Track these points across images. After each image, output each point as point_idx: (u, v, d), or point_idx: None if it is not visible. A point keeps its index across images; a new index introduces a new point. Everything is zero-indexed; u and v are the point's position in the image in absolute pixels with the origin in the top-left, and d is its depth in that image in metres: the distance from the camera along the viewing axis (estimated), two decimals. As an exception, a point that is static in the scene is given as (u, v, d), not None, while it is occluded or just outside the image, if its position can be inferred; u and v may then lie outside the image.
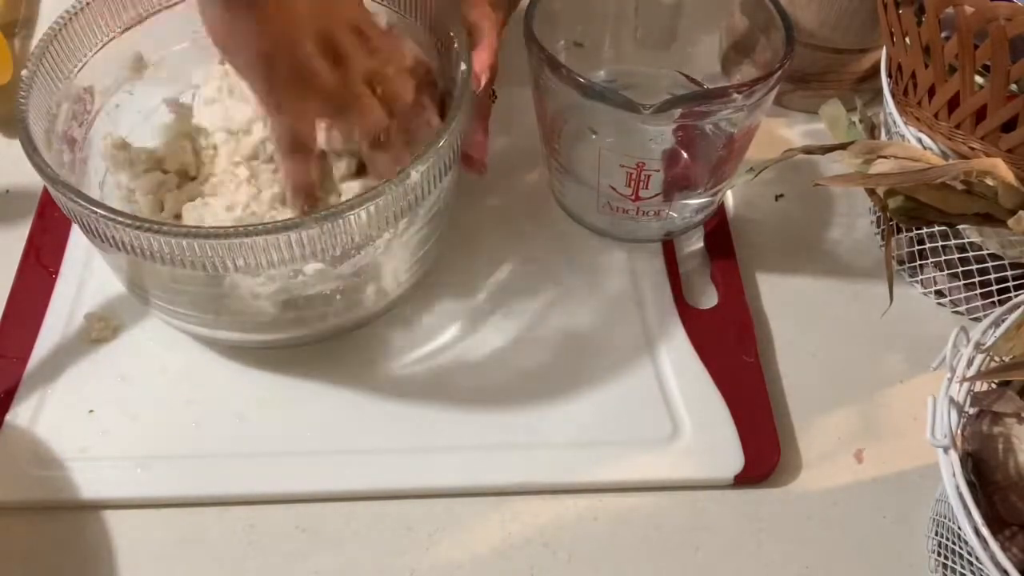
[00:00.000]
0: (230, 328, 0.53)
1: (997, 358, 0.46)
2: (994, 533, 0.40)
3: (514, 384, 0.55)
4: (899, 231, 0.60)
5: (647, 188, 0.57)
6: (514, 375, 0.55)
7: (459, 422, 0.53)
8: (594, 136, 0.56)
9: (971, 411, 0.46)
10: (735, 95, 0.51)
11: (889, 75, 0.58)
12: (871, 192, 0.50)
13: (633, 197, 0.57)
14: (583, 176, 0.59)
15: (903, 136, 0.55)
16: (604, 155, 0.56)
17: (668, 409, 0.54)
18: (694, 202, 0.59)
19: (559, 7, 0.58)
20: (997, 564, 0.40)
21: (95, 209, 0.45)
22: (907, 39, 0.53)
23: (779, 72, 0.52)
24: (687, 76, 0.62)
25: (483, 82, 0.53)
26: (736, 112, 0.53)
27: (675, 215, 0.59)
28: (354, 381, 0.55)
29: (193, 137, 0.57)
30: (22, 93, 0.49)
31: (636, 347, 0.57)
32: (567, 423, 0.54)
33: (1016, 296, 0.49)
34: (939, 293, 0.60)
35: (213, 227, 0.46)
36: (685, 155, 0.58)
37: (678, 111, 0.51)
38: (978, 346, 0.46)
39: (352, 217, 0.46)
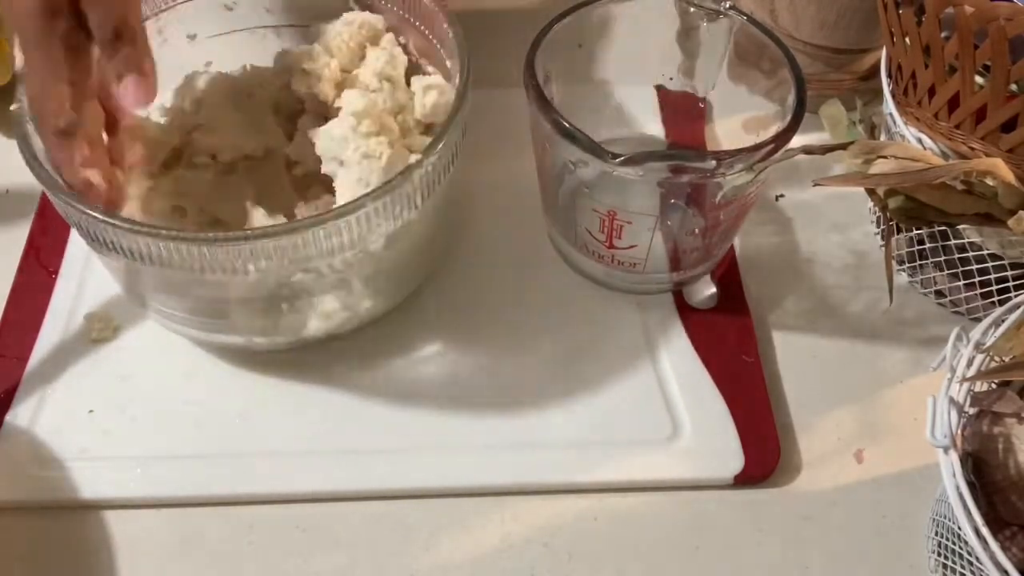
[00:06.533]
0: (230, 332, 0.53)
1: (997, 358, 0.46)
2: (994, 533, 0.40)
3: (514, 384, 0.55)
4: (899, 231, 0.60)
5: (620, 238, 0.55)
6: (514, 375, 0.55)
7: (459, 422, 0.53)
8: (571, 174, 0.54)
9: (971, 411, 0.46)
10: (711, 161, 0.49)
11: (889, 75, 0.58)
12: (871, 192, 0.50)
13: (607, 244, 0.56)
14: (563, 214, 0.58)
15: (903, 136, 0.55)
16: (580, 195, 0.55)
17: (668, 409, 0.54)
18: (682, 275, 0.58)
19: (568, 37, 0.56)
20: (997, 564, 0.40)
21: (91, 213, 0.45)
22: (907, 39, 0.53)
23: (768, 147, 0.50)
24: (693, 93, 0.61)
25: None
26: (723, 177, 0.50)
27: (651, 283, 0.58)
28: (354, 381, 0.55)
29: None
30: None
31: (636, 347, 0.57)
32: (567, 423, 0.54)
33: (1016, 296, 0.49)
34: (939, 293, 0.60)
35: (207, 233, 0.45)
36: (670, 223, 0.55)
37: (654, 163, 0.49)
38: (978, 346, 0.46)
39: (351, 219, 0.45)
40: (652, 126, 0.64)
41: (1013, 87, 0.49)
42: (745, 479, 0.52)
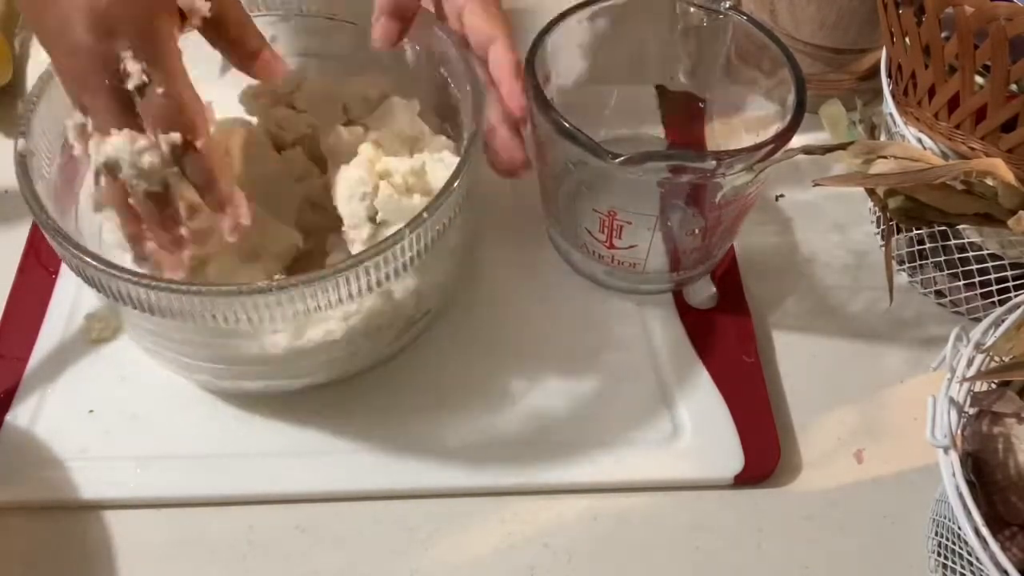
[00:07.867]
0: (223, 377, 0.53)
1: (997, 358, 0.46)
2: (994, 533, 0.40)
3: (514, 384, 0.55)
4: (899, 231, 0.60)
5: (620, 238, 0.55)
6: (514, 375, 0.55)
7: (459, 422, 0.53)
8: (571, 174, 0.54)
9: (971, 411, 0.46)
10: (711, 161, 0.49)
11: (889, 75, 0.58)
12: (871, 192, 0.50)
13: (607, 244, 0.56)
14: (563, 214, 0.58)
15: (903, 136, 0.56)
16: (580, 195, 0.55)
17: (668, 409, 0.54)
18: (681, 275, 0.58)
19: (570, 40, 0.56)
20: (997, 564, 0.40)
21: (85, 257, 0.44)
22: (907, 39, 0.53)
23: (768, 147, 0.50)
24: (695, 95, 0.61)
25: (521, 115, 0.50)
26: (723, 177, 0.50)
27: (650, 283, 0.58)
28: (355, 381, 0.55)
29: None
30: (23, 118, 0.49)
31: (636, 347, 0.57)
32: (567, 423, 0.54)
33: (1016, 296, 0.49)
34: (939, 293, 0.60)
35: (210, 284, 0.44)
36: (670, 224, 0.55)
37: (654, 163, 0.49)
38: (978, 346, 0.46)
39: (359, 270, 0.45)
40: (652, 126, 0.64)
41: (1013, 87, 0.49)
42: (745, 479, 0.52)
